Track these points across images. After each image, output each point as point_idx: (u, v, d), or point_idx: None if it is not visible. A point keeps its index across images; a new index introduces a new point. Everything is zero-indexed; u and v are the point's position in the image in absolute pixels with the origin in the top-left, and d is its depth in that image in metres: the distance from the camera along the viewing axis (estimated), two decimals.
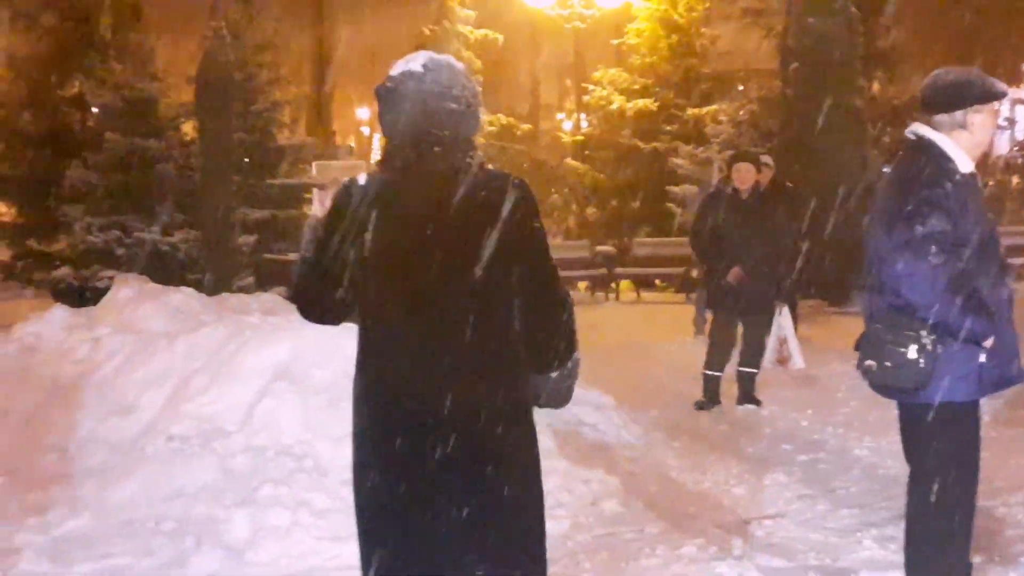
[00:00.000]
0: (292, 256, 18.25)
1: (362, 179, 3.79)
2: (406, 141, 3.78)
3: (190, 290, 11.40)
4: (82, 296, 16.77)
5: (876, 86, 23.18)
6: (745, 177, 10.55)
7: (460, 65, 3.94)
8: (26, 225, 22.52)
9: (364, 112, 55.51)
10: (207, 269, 17.00)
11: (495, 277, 3.68)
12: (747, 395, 10.71)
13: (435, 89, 3.78)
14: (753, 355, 10.77)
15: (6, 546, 6.36)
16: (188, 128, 20.58)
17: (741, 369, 10.74)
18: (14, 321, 10.62)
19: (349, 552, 6.02)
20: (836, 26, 19.48)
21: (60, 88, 22.54)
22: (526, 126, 34.84)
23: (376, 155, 44.38)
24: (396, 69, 3.85)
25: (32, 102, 22.70)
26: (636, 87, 27.14)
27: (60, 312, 10.34)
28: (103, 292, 13.71)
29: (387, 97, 3.83)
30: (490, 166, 3.89)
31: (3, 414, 8.41)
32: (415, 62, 3.84)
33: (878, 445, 8.93)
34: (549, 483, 7.25)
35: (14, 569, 6.18)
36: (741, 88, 26.53)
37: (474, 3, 30.84)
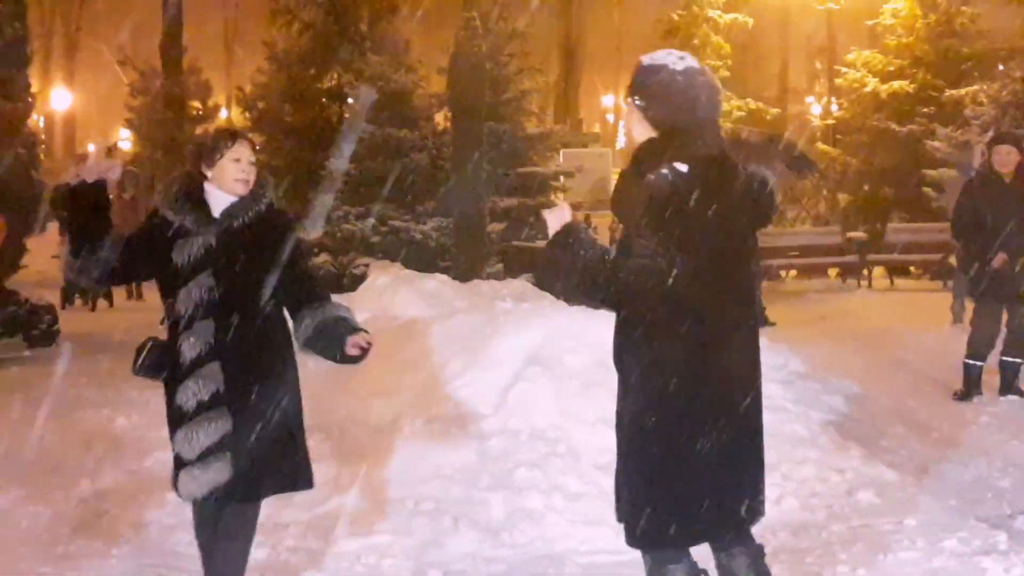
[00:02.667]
0: (540, 243, 18.45)
1: (683, 168, 3.87)
2: (705, 130, 3.99)
3: (443, 277, 11.68)
4: (340, 282, 17.33)
5: None
6: (1006, 160, 10.11)
7: None
8: None
9: (609, 99, 55.66)
10: (458, 256, 17.34)
11: None
12: (1011, 385, 10.30)
13: (714, 83, 4.06)
14: (1018, 344, 10.34)
15: (274, 522, 6.63)
16: (440, 118, 20.96)
17: (1005, 359, 10.34)
18: None
19: (603, 536, 6.09)
20: None
21: (319, 81, 23.24)
22: (774, 110, 34.25)
23: (622, 141, 44.40)
24: (674, 62, 4.03)
25: (292, 94, 23.49)
26: (891, 68, 26.41)
27: None
28: (359, 278, 14.17)
29: (679, 87, 3.98)
30: None
31: None
32: (687, 58, 4.05)
33: None
34: (803, 472, 7.21)
35: (281, 544, 6.46)
36: (1002, 68, 25.49)
37: None
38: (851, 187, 26.74)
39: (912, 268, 22.59)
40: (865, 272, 21.86)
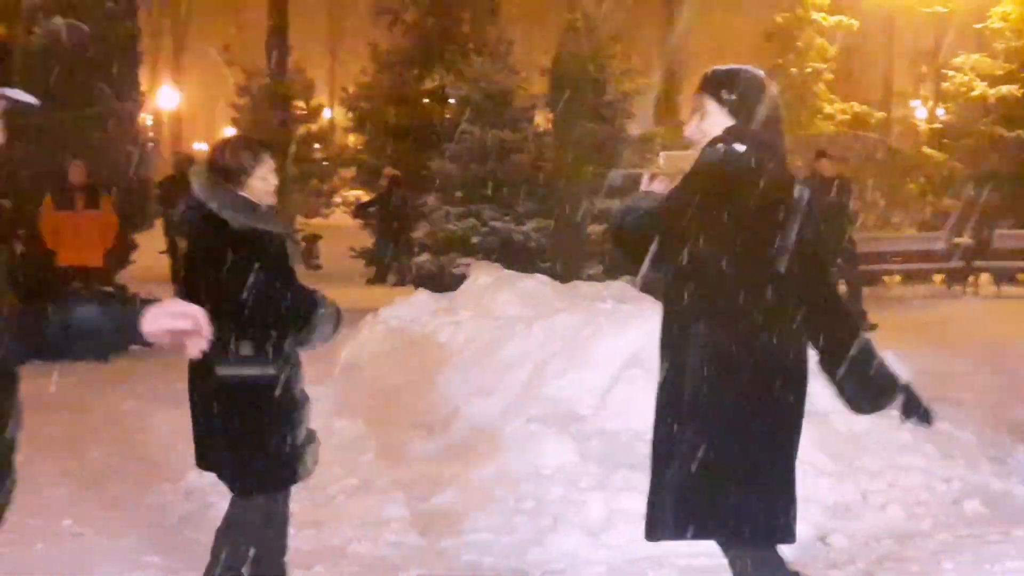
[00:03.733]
0: None
1: (740, 147, 3.91)
2: (774, 130, 4.07)
3: (543, 277, 11.67)
4: (440, 282, 17.41)
5: None
6: None
7: None
8: (394, 214, 23.59)
9: None
10: (558, 257, 17.34)
11: None
12: None
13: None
14: None
15: (376, 518, 6.69)
16: (541, 119, 20.98)
17: None
18: (379, 305, 11.17)
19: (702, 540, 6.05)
20: None
21: (421, 81, 23.41)
22: (879, 114, 33.84)
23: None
24: (751, 68, 4.15)
25: (395, 95, 23.70)
26: (1000, 73, 25.93)
27: (424, 297, 10.81)
28: (459, 278, 14.23)
29: (763, 85, 4.08)
30: None
31: (373, 393, 8.86)
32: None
33: None
34: (908, 480, 7.12)
35: (382, 540, 6.51)
36: None
37: None
38: (957, 192, 26.34)
39: (1020, 275, 22.15)
40: (971, 279, 21.50)
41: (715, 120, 4.07)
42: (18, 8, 16.52)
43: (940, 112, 30.69)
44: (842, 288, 16.00)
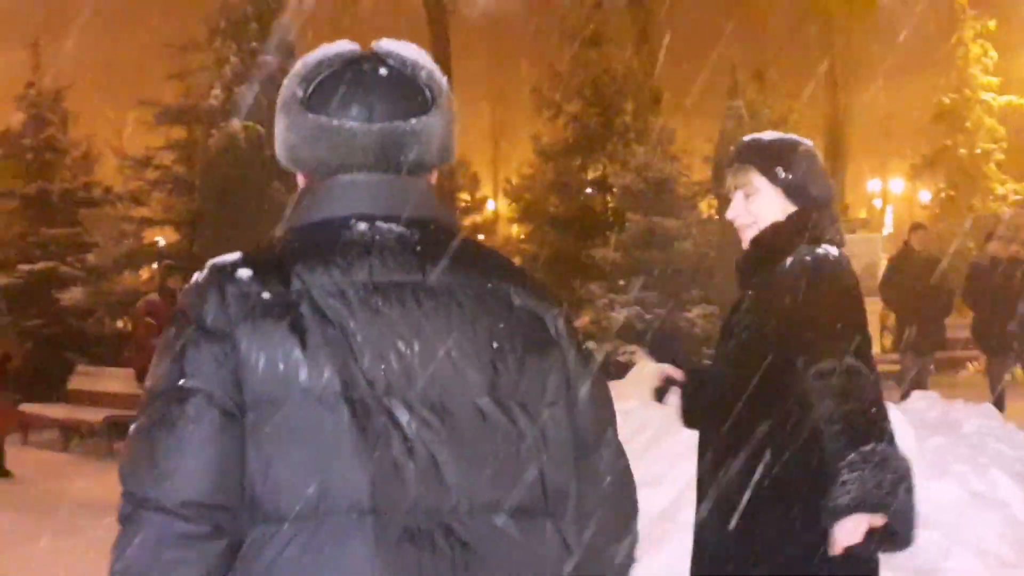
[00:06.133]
0: None
1: (835, 250, 3.58)
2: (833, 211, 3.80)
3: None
4: (605, 370, 17.41)
5: None
6: None
7: None
8: None
9: (876, 184, 54.60)
10: None
11: None
12: None
13: None
14: None
15: None
16: (704, 206, 20.97)
17: None
18: None
19: None
20: None
21: (583, 171, 23.62)
22: None
23: (890, 227, 43.34)
24: (798, 139, 3.80)
25: (557, 185, 23.93)
26: None
27: None
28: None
29: (819, 160, 3.82)
30: None
31: None
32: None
33: None
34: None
35: None
36: None
37: (997, 69, 29.56)
38: None
39: None
40: None
41: (766, 201, 3.64)
42: (197, 111, 17.25)
43: None
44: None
